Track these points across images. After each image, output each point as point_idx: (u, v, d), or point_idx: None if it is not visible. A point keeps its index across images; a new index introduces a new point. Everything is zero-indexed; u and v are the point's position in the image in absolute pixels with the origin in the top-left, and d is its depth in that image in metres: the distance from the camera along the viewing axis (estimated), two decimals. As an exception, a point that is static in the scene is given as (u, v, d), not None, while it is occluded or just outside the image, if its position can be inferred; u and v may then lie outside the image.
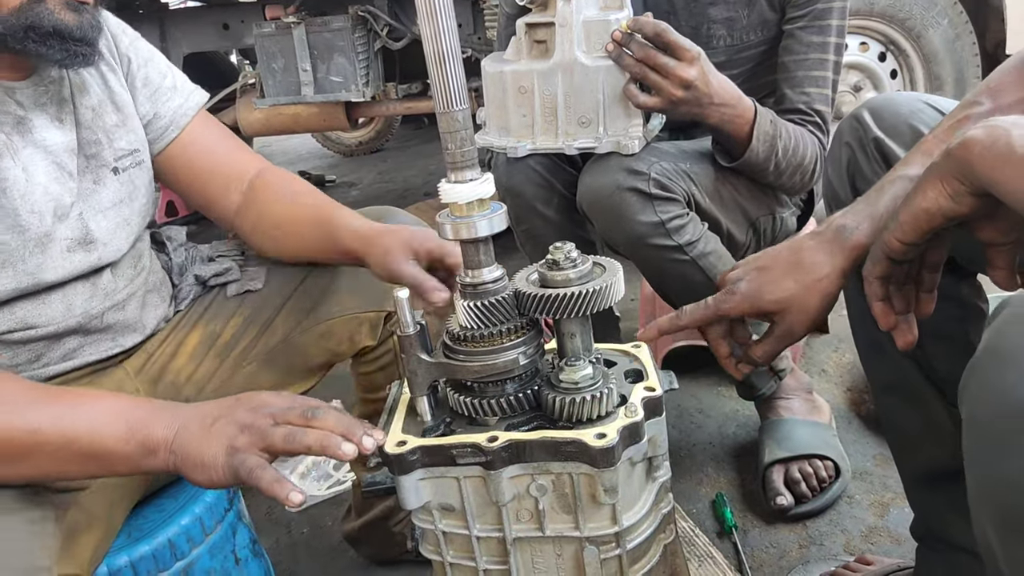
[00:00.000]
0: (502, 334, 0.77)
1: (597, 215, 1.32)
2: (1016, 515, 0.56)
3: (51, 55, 0.91)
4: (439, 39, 0.68)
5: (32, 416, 0.79)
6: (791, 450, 1.43)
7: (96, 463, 0.81)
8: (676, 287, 1.39)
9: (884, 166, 0.93)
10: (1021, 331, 0.57)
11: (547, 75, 1.27)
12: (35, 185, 0.95)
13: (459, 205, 0.74)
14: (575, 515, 0.76)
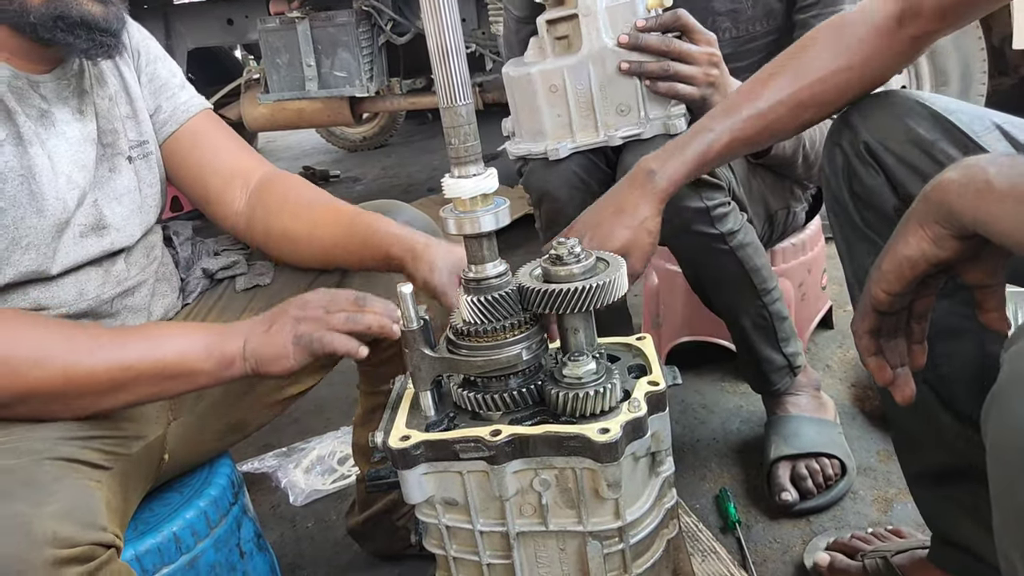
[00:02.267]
0: (505, 329, 0.77)
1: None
2: None
3: (78, 44, 0.94)
4: (443, 34, 0.68)
5: (124, 354, 0.89)
6: (798, 447, 1.42)
7: (184, 381, 0.92)
8: (711, 277, 1.37)
9: (879, 170, 0.92)
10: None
11: (577, 69, 1.24)
12: (59, 173, 0.98)
13: (463, 200, 0.74)
14: (578, 510, 0.76)
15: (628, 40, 1.20)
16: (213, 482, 1.11)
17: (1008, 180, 0.62)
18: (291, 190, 1.17)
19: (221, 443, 1.16)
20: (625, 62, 1.20)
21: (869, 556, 1.15)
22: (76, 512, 0.74)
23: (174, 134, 1.15)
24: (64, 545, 0.71)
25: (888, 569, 1.11)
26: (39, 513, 0.71)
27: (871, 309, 0.77)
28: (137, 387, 0.90)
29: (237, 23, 3.11)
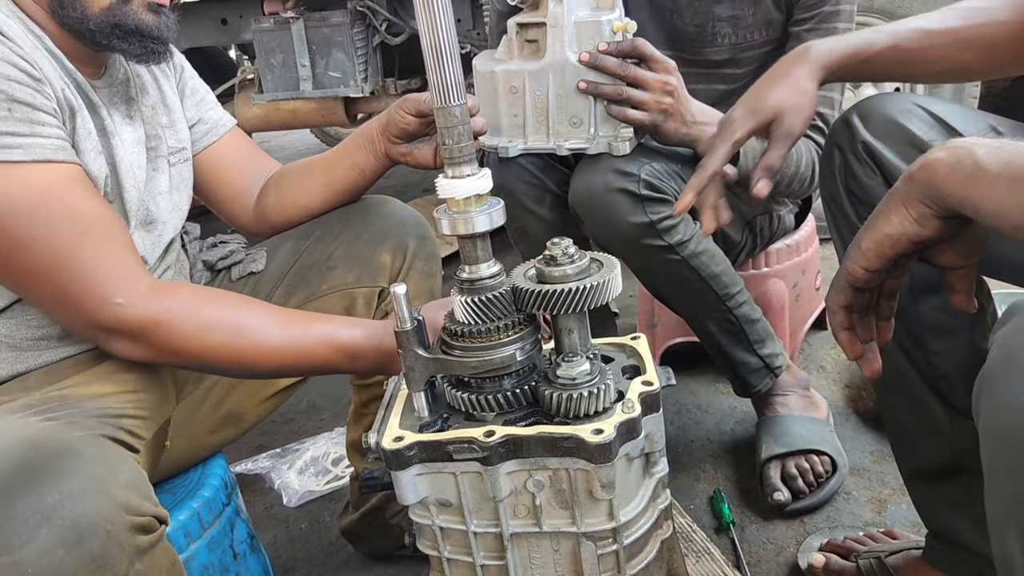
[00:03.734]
0: (499, 330, 0.77)
1: (588, 216, 1.32)
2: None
3: (131, 51, 1.00)
4: (436, 34, 0.68)
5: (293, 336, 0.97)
6: (787, 446, 1.43)
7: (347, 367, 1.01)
8: (668, 286, 1.39)
9: (876, 169, 0.93)
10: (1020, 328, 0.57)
11: (538, 75, 1.26)
12: (129, 166, 1.04)
13: (457, 200, 0.74)
14: (572, 511, 0.76)
15: (588, 59, 1.22)
16: (206, 483, 1.10)
17: (998, 161, 0.63)
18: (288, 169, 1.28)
19: (216, 436, 1.16)
20: (584, 81, 1.23)
21: (863, 557, 1.15)
22: (139, 484, 0.76)
23: (211, 146, 1.24)
24: (135, 513, 0.73)
25: (882, 569, 1.11)
26: (115, 480, 0.73)
27: (847, 284, 0.78)
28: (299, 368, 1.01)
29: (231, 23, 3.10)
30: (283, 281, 1.21)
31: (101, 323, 0.90)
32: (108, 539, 0.68)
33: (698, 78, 1.51)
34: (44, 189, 0.87)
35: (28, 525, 0.64)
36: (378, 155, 1.19)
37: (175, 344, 0.93)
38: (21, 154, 0.85)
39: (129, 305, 0.90)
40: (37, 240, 0.87)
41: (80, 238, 0.89)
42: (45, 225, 0.87)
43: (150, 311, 0.91)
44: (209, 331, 0.94)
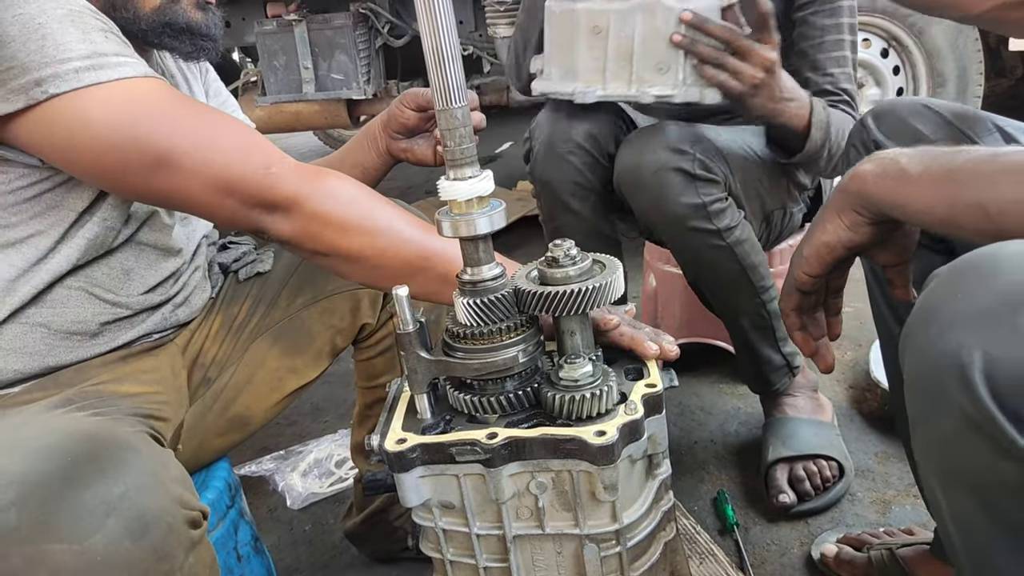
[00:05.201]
0: (502, 332, 0.77)
1: (636, 193, 1.29)
2: (953, 469, 0.60)
3: (182, 48, 1.02)
4: (438, 36, 0.68)
5: (426, 243, 0.92)
6: (795, 449, 1.42)
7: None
8: (709, 273, 1.36)
9: None
10: (942, 290, 0.62)
11: (625, 15, 1.19)
12: None
13: (458, 202, 0.74)
14: (575, 513, 0.76)
15: (692, 19, 1.16)
16: (210, 485, 1.11)
17: (920, 165, 0.70)
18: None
19: (223, 440, 1.17)
20: (679, 34, 1.17)
21: (875, 549, 1.17)
22: (186, 480, 0.78)
23: None
24: (187, 507, 0.74)
25: (893, 561, 1.12)
26: (168, 475, 0.74)
27: (794, 289, 0.86)
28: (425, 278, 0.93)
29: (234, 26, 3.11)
30: (289, 281, 1.22)
31: (260, 193, 0.88)
32: (169, 531, 0.70)
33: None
34: (166, 93, 0.88)
35: (95, 515, 0.66)
36: (380, 152, 1.19)
37: (324, 217, 0.90)
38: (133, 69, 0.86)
39: (281, 176, 0.89)
40: (182, 129, 0.86)
41: (220, 122, 0.89)
42: (185, 119, 0.87)
43: (303, 183, 0.89)
44: (359, 213, 0.91)
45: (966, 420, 0.57)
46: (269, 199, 0.89)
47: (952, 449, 0.60)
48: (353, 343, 1.27)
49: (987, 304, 0.57)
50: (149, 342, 1.07)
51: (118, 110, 0.83)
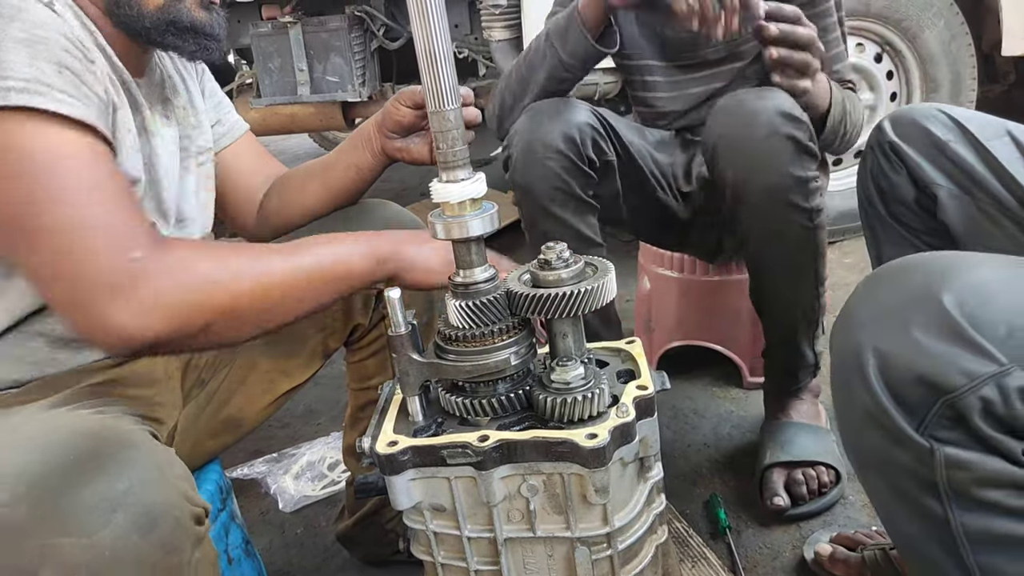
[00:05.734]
0: (494, 334, 0.77)
1: (734, 157, 1.21)
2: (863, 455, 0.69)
3: (186, 47, 1.00)
4: (430, 38, 0.68)
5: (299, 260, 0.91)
6: (794, 455, 1.41)
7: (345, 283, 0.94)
8: (782, 256, 1.30)
9: (901, 165, 1.06)
10: (858, 293, 0.68)
11: None
12: (166, 167, 1.04)
13: (451, 204, 0.74)
14: (566, 515, 0.76)
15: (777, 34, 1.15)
16: (201, 487, 1.10)
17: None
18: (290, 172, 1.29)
19: (215, 442, 1.16)
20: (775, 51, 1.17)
21: (869, 548, 1.17)
22: (189, 477, 0.78)
23: (226, 148, 1.25)
24: (192, 503, 0.74)
25: (886, 560, 1.13)
26: (172, 472, 0.74)
27: None
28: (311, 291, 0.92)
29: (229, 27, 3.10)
30: None
31: (113, 283, 0.78)
32: (176, 526, 0.70)
33: (695, 82, 1.51)
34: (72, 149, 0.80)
35: (101, 510, 0.66)
36: (375, 152, 1.19)
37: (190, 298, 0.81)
38: (56, 106, 0.78)
39: (145, 257, 0.80)
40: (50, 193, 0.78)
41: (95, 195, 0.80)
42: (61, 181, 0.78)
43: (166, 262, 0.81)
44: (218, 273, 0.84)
45: (865, 410, 0.65)
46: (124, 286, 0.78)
47: (860, 438, 0.68)
48: (345, 344, 1.27)
49: (884, 305, 0.64)
50: None
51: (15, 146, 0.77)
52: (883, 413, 0.63)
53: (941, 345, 0.60)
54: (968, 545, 0.64)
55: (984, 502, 0.62)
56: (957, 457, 0.61)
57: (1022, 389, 0.58)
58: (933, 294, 0.62)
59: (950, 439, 0.61)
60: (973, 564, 0.64)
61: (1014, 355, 0.59)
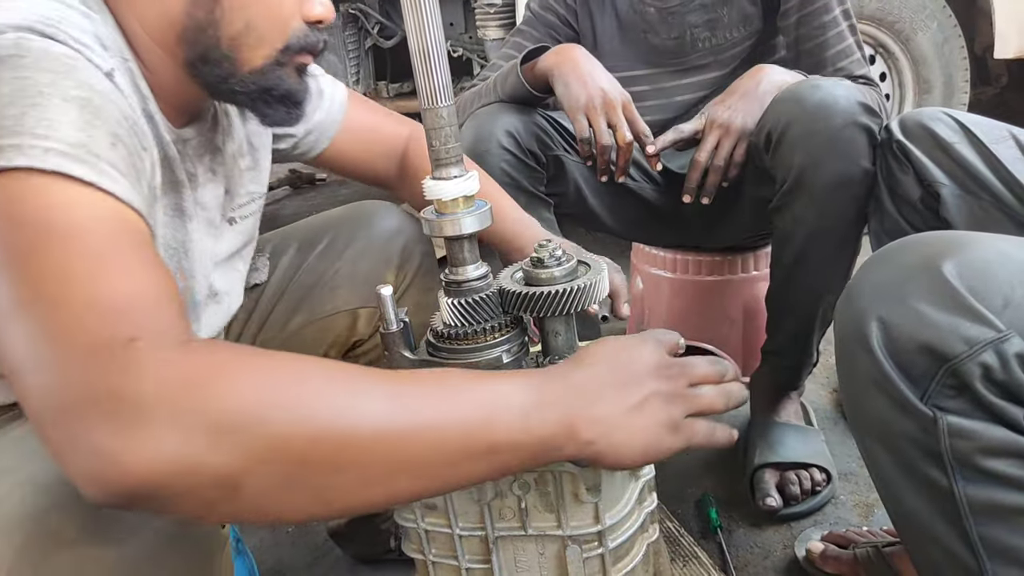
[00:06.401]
0: (486, 332, 0.77)
1: (808, 142, 1.18)
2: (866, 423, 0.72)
3: (272, 115, 0.88)
4: (424, 35, 0.68)
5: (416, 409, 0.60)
6: (784, 457, 1.41)
7: (485, 461, 0.61)
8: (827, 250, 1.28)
9: (908, 165, 1.11)
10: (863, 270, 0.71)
11: None
12: (203, 246, 0.93)
13: (444, 202, 0.74)
14: (558, 514, 0.76)
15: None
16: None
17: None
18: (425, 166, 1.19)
19: None
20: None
21: (861, 546, 1.18)
22: None
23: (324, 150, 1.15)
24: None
25: (879, 558, 1.13)
26: None
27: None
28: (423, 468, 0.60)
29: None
30: (284, 296, 1.16)
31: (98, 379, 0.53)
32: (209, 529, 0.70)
33: (681, 89, 1.51)
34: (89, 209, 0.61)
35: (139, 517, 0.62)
36: None
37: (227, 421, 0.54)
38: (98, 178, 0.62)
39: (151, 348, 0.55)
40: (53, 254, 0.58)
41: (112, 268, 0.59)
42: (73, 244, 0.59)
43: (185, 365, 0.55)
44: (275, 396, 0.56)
45: (870, 380, 0.66)
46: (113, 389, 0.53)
47: (863, 406, 0.70)
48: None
49: (887, 278, 0.66)
50: None
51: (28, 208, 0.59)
52: (887, 381, 0.64)
53: (942, 314, 0.62)
54: (972, 517, 0.65)
55: (988, 472, 0.63)
56: (960, 426, 0.62)
57: (1020, 355, 0.60)
58: (934, 265, 0.63)
59: (953, 408, 0.63)
60: (976, 537, 0.65)
61: (1012, 323, 0.61)
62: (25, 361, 0.55)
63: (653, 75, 1.52)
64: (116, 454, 0.51)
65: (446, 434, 0.59)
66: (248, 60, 0.82)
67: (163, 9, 0.79)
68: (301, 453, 0.55)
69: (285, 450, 0.55)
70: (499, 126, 1.35)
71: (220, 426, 0.53)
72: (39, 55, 0.65)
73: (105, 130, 0.65)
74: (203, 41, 0.80)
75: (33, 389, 0.54)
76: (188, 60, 0.81)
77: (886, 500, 0.74)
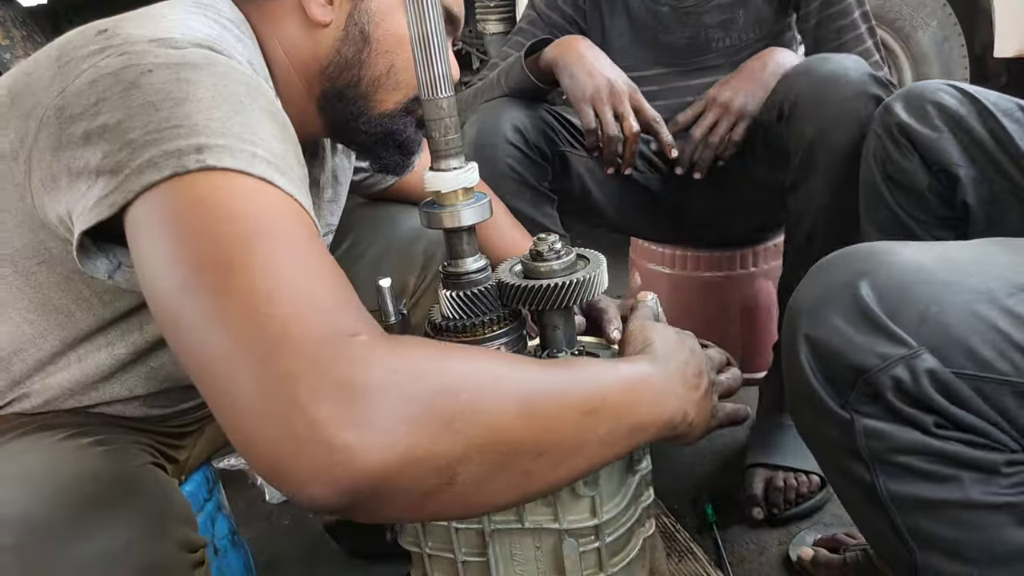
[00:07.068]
0: (484, 325, 0.77)
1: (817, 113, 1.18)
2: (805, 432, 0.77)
3: (386, 160, 0.90)
4: (424, 26, 0.68)
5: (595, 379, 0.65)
6: (779, 460, 1.40)
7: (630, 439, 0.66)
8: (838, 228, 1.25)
9: (911, 148, 1.00)
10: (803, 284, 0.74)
11: None
12: None
13: (443, 194, 0.74)
14: (554, 507, 0.75)
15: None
16: (188, 478, 1.09)
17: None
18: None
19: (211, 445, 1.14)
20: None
21: (851, 549, 1.17)
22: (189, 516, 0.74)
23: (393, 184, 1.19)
24: (191, 549, 0.71)
25: (867, 560, 1.13)
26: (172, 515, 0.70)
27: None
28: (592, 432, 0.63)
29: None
30: None
31: (329, 370, 0.51)
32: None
33: (691, 90, 1.51)
34: (295, 218, 0.61)
35: (102, 567, 0.63)
36: None
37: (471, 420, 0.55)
38: (293, 189, 0.62)
39: (372, 341, 0.55)
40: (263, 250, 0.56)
41: (318, 268, 0.58)
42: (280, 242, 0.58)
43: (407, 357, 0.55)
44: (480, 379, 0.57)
45: (800, 394, 0.72)
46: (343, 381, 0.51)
47: (801, 417, 0.76)
48: None
49: (815, 297, 0.71)
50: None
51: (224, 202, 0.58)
52: (813, 393, 0.70)
53: (858, 333, 0.67)
54: (895, 509, 0.70)
55: (904, 467, 0.68)
56: (874, 427, 0.68)
57: (930, 371, 0.64)
58: (853, 285, 0.68)
59: (869, 412, 0.68)
60: (903, 527, 0.70)
61: (927, 340, 0.65)
62: (233, 366, 0.52)
63: (663, 75, 1.52)
64: (351, 446, 0.50)
65: (604, 414, 0.63)
66: (382, 102, 0.86)
67: (314, 41, 0.81)
68: (514, 439, 0.57)
69: (501, 437, 0.56)
70: (506, 121, 1.34)
71: (445, 414, 0.53)
72: (229, 68, 0.66)
73: (293, 146, 0.67)
74: (345, 78, 0.83)
75: (247, 396, 0.51)
76: (324, 94, 0.84)
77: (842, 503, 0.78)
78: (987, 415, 0.65)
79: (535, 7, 1.55)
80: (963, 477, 0.66)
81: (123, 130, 0.60)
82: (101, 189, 0.60)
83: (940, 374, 0.64)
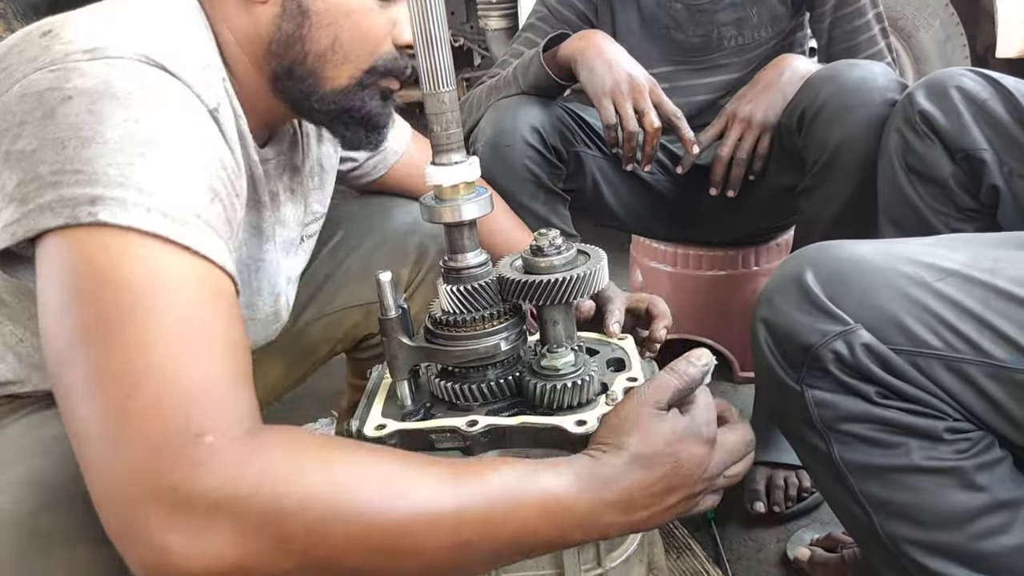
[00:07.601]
0: (484, 319, 0.77)
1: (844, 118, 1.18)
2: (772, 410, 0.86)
3: (350, 138, 0.88)
4: (426, 19, 0.68)
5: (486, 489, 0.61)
6: (780, 458, 1.40)
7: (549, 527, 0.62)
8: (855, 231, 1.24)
9: (933, 136, 1.00)
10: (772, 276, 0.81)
11: None
12: (278, 266, 0.93)
13: (444, 188, 0.74)
14: (553, 502, 0.75)
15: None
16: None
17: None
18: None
19: None
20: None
21: (848, 548, 1.17)
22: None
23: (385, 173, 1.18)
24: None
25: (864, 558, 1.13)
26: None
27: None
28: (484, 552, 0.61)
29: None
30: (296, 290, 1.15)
31: (164, 473, 0.53)
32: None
33: (702, 88, 1.50)
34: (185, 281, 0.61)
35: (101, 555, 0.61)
36: None
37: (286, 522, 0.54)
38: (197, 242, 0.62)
39: (218, 444, 0.55)
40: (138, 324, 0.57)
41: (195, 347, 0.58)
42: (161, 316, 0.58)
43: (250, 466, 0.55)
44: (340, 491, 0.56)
45: (761, 372, 0.80)
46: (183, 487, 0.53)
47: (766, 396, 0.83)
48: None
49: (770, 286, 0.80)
50: None
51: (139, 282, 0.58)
52: (771, 370, 0.78)
53: (803, 314, 0.75)
54: (850, 475, 0.75)
55: (852, 434, 0.74)
56: (823, 398, 0.75)
57: (865, 345, 0.71)
58: (800, 274, 0.76)
59: (820, 385, 0.75)
60: (859, 494, 0.75)
61: (868, 320, 0.72)
62: (92, 438, 0.55)
63: (672, 73, 1.51)
64: (176, 551, 0.52)
65: (487, 544, 0.60)
66: (332, 78, 0.82)
67: (254, 20, 0.80)
68: (359, 565, 0.57)
69: (343, 563, 0.56)
70: (523, 120, 1.32)
71: (279, 534, 0.54)
72: (153, 91, 0.65)
73: (206, 185, 0.66)
74: (290, 55, 0.81)
75: (98, 471, 0.55)
76: (274, 74, 0.82)
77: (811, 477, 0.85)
78: (924, 386, 0.71)
79: (546, 2, 1.54)
80: (909, 444, 0.72)
81: (35, 161, 0.61)
82: (10, 215, 0.62)
83: (876, 348, 0.71)
